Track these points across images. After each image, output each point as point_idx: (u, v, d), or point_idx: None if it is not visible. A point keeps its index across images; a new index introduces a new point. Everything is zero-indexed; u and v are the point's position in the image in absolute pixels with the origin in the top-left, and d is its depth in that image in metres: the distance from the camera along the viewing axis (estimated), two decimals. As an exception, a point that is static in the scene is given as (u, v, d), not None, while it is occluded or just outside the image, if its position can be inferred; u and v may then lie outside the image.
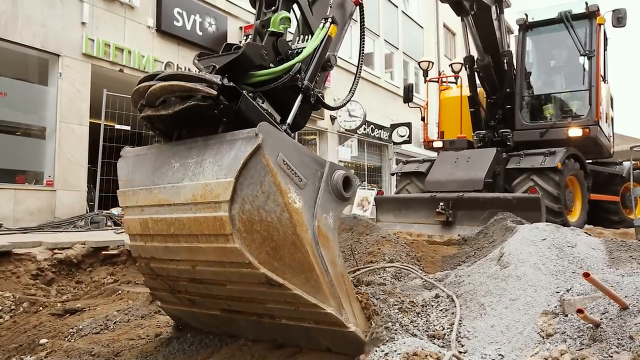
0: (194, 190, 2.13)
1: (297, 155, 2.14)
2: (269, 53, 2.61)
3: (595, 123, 7.28)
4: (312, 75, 2.80)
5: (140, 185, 2.40)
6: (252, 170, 2.01)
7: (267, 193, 2.01)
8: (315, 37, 2.84)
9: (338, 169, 2.31)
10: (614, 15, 7.21)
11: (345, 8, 3.45)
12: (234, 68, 2.41)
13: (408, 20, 21.56)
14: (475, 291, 2.70)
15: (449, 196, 6.98)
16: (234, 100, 2.23)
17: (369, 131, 17.49)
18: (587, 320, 1.79)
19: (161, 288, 2.73)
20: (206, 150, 2.19)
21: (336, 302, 2.18)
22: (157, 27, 10.34)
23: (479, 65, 7.63)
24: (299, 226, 2.05)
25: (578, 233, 2.99)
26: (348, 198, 2.33)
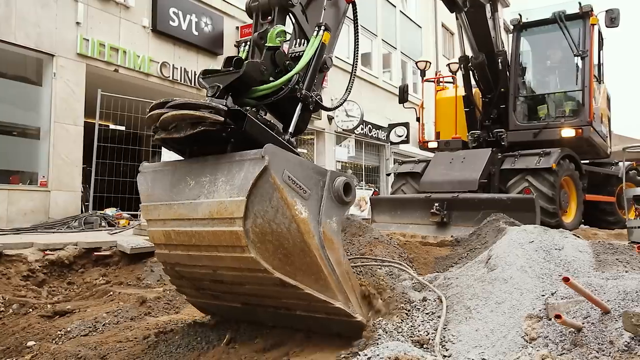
0: (210, 207, 2.36)
1: (300, 170, 2.37)
2: (268, 67, 2.79)
3: (588, 123, 7.26)
4: (310, 83, 2.99)
5: (160, 200, 2.63)
6: (261, 188, 2.24)
7: (276, 207, 2.26)
8: (309, 47, 2.99)
9: (338, 176, 2.54)
10: (607, 15, 7.19)
11: (339, 6, 3.56)
12: (237, 86, 2.62)
13: (406, 20, 21.53)
14: (462, 294, 2.69)
15: (444, 197, 6.95)
16: (239, 122, 2.41)
17: (366, 131, 17.47)
18: (566, 325, 1.78)
19: (186, 286, 3.00)
20: (218, 169, 2.41)
21: (343, 297, 2.49)
22: (153, 27, 10.31)
23: (473, 64, 7.61)
24: (306, 234, 2.31)
25: (566, 235, 2.98)
26: (349, 202, 2.57)
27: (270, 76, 2.82)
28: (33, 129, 8.55)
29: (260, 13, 3.07)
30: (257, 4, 3.09)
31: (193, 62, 11.39)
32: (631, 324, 1.34)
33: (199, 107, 2.32)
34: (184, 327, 3.52)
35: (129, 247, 5.51)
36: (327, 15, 3.40)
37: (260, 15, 3.07)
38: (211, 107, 2.32)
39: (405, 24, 21.45)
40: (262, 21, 3.06)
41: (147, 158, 10.17)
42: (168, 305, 4.26)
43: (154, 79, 10.41)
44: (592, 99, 7.33)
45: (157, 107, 2.49)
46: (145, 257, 5.56)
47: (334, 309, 2.47)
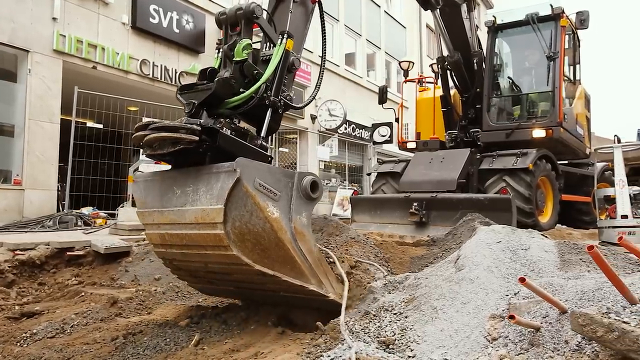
0: (195, 213, 2.72)
1: (269, 176, 2.73)
2: (238, 79, 3.08)
3: (558, 124, 7.33)
4: (277, 89, 3.28)
5: (153, 207, 3.00)
6: (236, 196, 2.59)
7: (251, 211, 2.64)
8: (274, 56, 3.25)
9: (306, 175, 2.90)
10: (577, 17, 7.28)
11: (307, 6, 3.79)
12: (210, 101, 2.96)
13: (391, 20, 21.61)
14: (430, 294, 2.69)
15: (423, 196, 6.98)
16: (213, 137, 2.75)
17: (350, 131, 17.49)
18: (521, 325, 1.79)
19: (184, 275, 3.44)
20: (199, 180, 2.76)
21: (316, 280, 2.93)
22: (133, 24, 10.19)
23: (449, 63, 7.66)
24: (279, 231, 2.71)
25: (533, 235, 3.00)
26: (316, 198, 2.93)
27: (241, 87, 3.09)
28: (7, 126, 8.39)
29: (228, 25, 3.28)
30: (225, 17, 3.29)
31: (174, 59, 11.28)
32: (578, 324, 1.35)
33: (177, 129, 2.65)
34: (154, 328, 3.48)
35: (103, 247, 5.42)
36: (295, 14, 3.58)
37: (228, 27, 3.29)
38: (187, 128, 2.65)
39: (390, 24, 21.53)
40: (230, 33, 3.28)
41: (125, 157, 10.07)
42: (140, 305, 4.20)
43: (134, 77, 10.29)
44: (562, 100, 7.40)
45: (141, 129, 2.83)
46: (120, 257, 5.48)
47: (309, 291, 2.90)
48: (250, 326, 3.37)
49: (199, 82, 3.11)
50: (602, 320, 1.26)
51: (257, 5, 3.22)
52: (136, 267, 5.29)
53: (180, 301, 4.41)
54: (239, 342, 3.09)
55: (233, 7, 3.29)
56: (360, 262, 4.00)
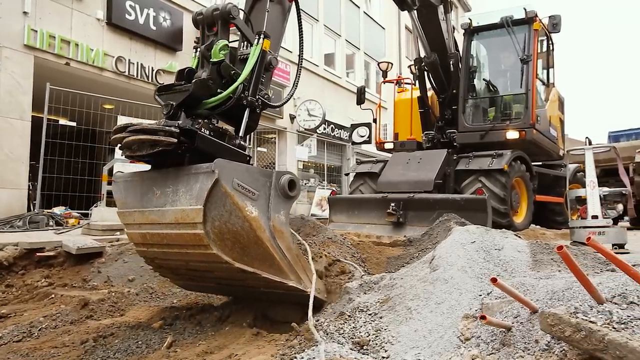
0: (175, 214, 2.75)
1: (248, 176, 2.78)
2: (215, 80, 3.10)
3: (531, 126, 7.47)
4: (255, 89, 3.31)
5: (134, 207, 3.01)
6: (215, 197, 2.64)
7: (230, 211, 2.68)
8: (251, 56, 3.28)
9: (283, 174, 2.95)
10: (550, 21, 7.43)
11: (283, 5, 3.82)
12: (188, 102, 2.98)
13: (370, 21, 21.70)
14: (405, 295, 2.69)
15: (400, 197, 7.02)
16: (192, 139, 2.79)
17: (329, 131, 17.50)
18: (492, 325, 1.80)
19: (166, 273, 3.44)
20: (178, 181, 2.80)
21: (295, 276, 2.99)
22: (108, 20, 9.98)
23: (426, 63, 7.74)
24: (258, 229, 2.76)
25: (506, 236, 3.04)
26: (294, 196, 2.98)
27: (219, 87, 3.12)
28: (-25, 123, 8.13)
29: (205, 25, 3.29)
30: (202, 17, 3.29)
31: (150, 57, 11.10)
32: (547, 324, 1.36)
33: (155, 132, 2.69)
34: (126, 330, 3.41)
35: (74, 247, 5.29)
36: (272, 14, 3.62)
37: (205, 27, 3.29)
38: (165, 131, 2.68)
39: (369, 25, 21.63)
40: (208, 33, 3.29)
41: (99, 155, 9.87)
42: (113, 307, 4.11)
43: (109, 74, 10.09)
44: (535, 102, 7.53)
45: (119, 132, 2.84)
46: (92, 258, 5.36)
47: (288, 287, 2.97)
48: (225, 327, 3.33)
49: (177, 83, 3.12)
50: (570, 320, 1.27)
51: (233, 6, 3.24)
52: (109, 268, 5.19)
53: (154, 302, 4.33)
54: (212, 343, 3.06)
55: (210, 8, 3.29)
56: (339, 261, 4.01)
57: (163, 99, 3.03)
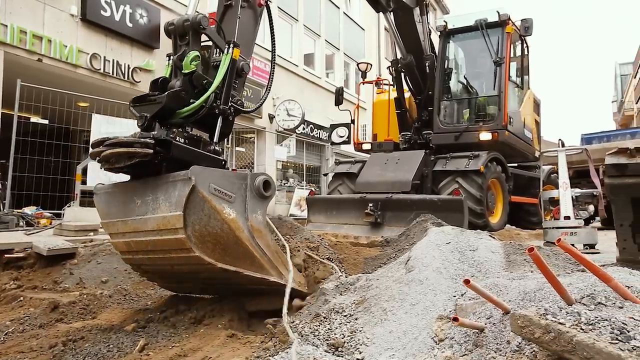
0: (156, 221, 2.88)
1: (223, 179, 2.91)
2: (188, 90, 3.22)
3: (503, 127, 7.58)
4: (226, 97, 3.41)
5: (117, 217, 3.13)
6: (193, 202, 2.76)
7: (208, 215, 2.82)
8: (222, 65, 3.38)
9: (258, 175, 3.09)
10: (522, 24, 7.57)
11: (255, 10, 3.93)
12: (162, 113, 3.09)
13: (349, 21, 21.77)
14: (380, 296, 2.69)
15: (378, 197, 7.05)
16: (167, 148, 2.91)
17: (308, 131, 17.48)
18: (465, 327, 1.80)
19: (153, 277, 3.58)
20: (158, 189, 2.91)
21: (276, 272, 3.15)
22: (82, 16, 9.78)
23: (402, 65, 7.79)
24: (236, 230, 2.91)
25: (481, 237, 3.06)
26: (269, 196, 3.12)
27: (191, 97, 3.23)
28: (-59, 120, 7.87)
29: (177, 35, 3.37)
30: (174, 27, 3.36)
31: (127, 54, 10.91)
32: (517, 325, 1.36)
33: (131, 144, 2.80)
34: (97, 333, 3.33)
35: (45, 249, 5.15)
36: (243, 19, 3.71)
37: (177, 37, 3.37)
38: (141, 143, 2.80)
39: (349, 26, 21.68)
40: (180, 43, 3.36)
41: (73, 154, 9.65)
42: (84, 310, 4.01)
43: (83, 71, 9.88)
44: (507, 104, 7.64)
45: (96, 146, 2.96)
46: (64, 259, 5.23)
47: (271, 282, 3.12)
48: (199, 329, 3.28)
49: (151, 93, 3.21)
50: (540, 321, 1.28)
51: (203, 17, 3.32)
52: (82, 270, 5.07)
53: (128, 304, 4.24)
54: (186, 346, 3.01)
55: (181, 19, 3.35)
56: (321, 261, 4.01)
57: (137, 111, 3.12)
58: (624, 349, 1.12)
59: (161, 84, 3.24)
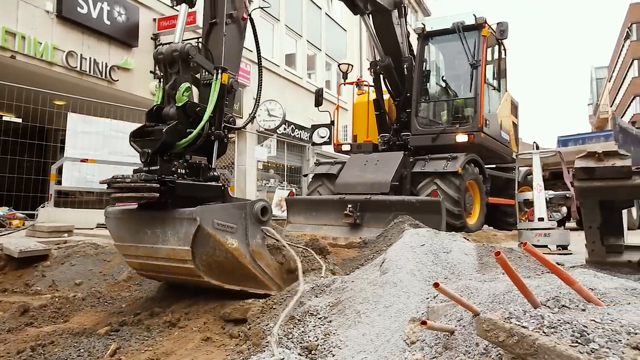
0: (167, 252, 3.20)
1: (225, 214, 3.21)
2: (183, 121, 3.39)
3: (479, 129, 7.68)
4: (219, 122, 3.62)
5: (129, 242, 3.44)
6: (200, 238, 3.07)
7: (213, 247, 3.15)
8: (212, 92, 3.53)
9: (256, 203, 3.39)
10: (498, 27, 7.67)
11: (239, 24, 4.09)
12: (162, 148, 3.30)
13: (331, 22, 21.80)
14: (355, 298, 2.70)
15: (357, 198, 7.07)
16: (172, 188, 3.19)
17: (289, 131, 17.45)
18: (434, 330, 1.82)
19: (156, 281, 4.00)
20: (166, 224, 3.20)
21: (277, 287, 3.43)
22: (58, 13, 9.59)
23: (380, 67, 7.83)
24: (239, 257, 3.23)
25: (455, 239, 3.09)
26: (266, 221, 3.45)
27: (187, 127, 3.42)
28: None
29: (167, 64, 3.50)
30: (163, 57, 3.48)
31: (104, 52, 10.75)
32: (482, 329, 1.38)
33: (138, 190, 3.06)
34: (68, 337, 3.26)
35: (17, 250, 5.04)
36: (229, 36, 3.89)
37: (167, 65, 3.50)
38: (147, 188, 3.05)
39: (331, 26, 21.72)
40: (170, 71, 3.50)
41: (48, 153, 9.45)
42: (56, 313, 3.93)
43: (59, 69, 9.69)
44: (483, 107, 7.74)
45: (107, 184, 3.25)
46: (36, 261, 5.12)
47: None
48: (174, 332, 3.25)
49: (148, 125, 3.40)
50: (504, 325, 1.29)
51: (191, 46, 3.45)
52: (55, 272, 4.97)
53: (101, 307, 4.17)
54: (159, 349, 2.97)
55: (169, 48, 3.46)
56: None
57: (139, 146, 3.34)
58: (583, 352, 1.14)
59: (156, 113, 3.42)
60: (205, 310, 3.42)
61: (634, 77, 42.04)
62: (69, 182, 8.43)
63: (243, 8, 4.09)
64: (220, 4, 3.89)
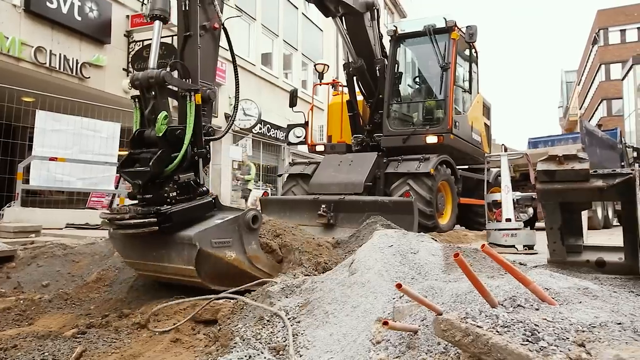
0: (174, 269, 3.52)
1: (220, 232, 3.51)
2: (166, 150, 3.53)
3: (448, 131, 7.82)
4: (200, 141, 3.77)
5: (136, 259, 3.71)
6: (201, 258, 3.38)
7: (214, 262, 3.48)
8: (189, 115, 3.64)
9: (247, 213, 3.68)
10: (467, 31, 7.82)
11: (213, 34, 4.18)
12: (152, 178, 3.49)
13: (308, 22, 21.81)
14: (324, 298, 2.72)
15: (331, 199, 7.10)
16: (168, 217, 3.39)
17: (265, 131, 17.39)
18: (397, 330, 1.86)
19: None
20: (169, 247, 3.48)
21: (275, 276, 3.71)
22: (26, 7, 9.34)
23: (353, 68, 7.89)
24: (239, 265, 3.60)
25: (422, 239, 3.15)
26: (257, 228, 3.74)
27: (171, 152, 3.57)
28: None
29: (144, 89, 3.59)
30: (139, 82, 3.56)
31: (75, 49, 10.52)
32: (440, 329, 1.42)
33: (138, 227, 3.32)
34: (32, 341, 3.19)
35: (-20, 252, 4.90)
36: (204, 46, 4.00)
37: (144, 90, 3.59)
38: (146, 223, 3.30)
39: (307, 26, 21.72)
40: (147, 95, 3.59)
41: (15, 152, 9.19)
42: (20, 316, 3.84)
43: (27, 65, 9.45)
44: (452, 108, 7.88)
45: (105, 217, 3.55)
46: (1, 263, 4.99)
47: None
48: (142, 334, 3.21)
49: (133, 152, 3.58)
50: (460, 325, 1.34)
51: (166, 73, 3.54)
52: (20, 273, 4.85)
53: (69, 309, 4.09)
54: (127, 352, 2.94)
55: (145, 75, 3.53)
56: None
57: (130, 177, 3.54)
58: (532, 350, 1.19)
59: (139, 137, 3.59)
60: (175, 311, 3.40)
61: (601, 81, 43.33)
62: (38, 182, 8.23)
63: (216, 18, 4.14)
64: (194, 16, 3.95)
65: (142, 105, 3.64)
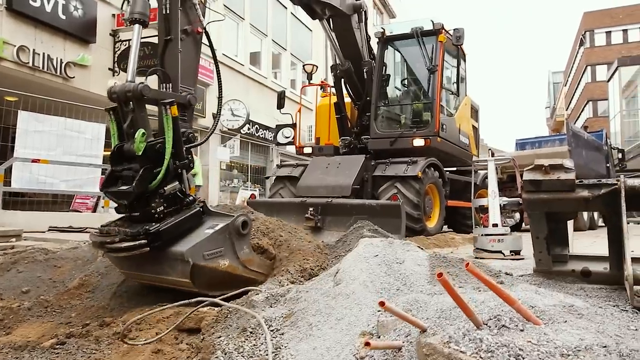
0: (171, 281, 3.60)
1: (211, 243, 3.51)
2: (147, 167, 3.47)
3: (435, 134, 7.82)
4: (181, 153, 3.72)
5: (134, 271, 3.77)
6: (195, 270, 3.43)
7: (208, 273, 3.52)
8: (166, 129, 3.57)
9: (236, 219, 3.62)
10: (454, 33, 7.83)
11: (194, 38, 4.11)
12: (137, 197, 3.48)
13: (297, 22, 21.72)
14: (308, 309, 2.68)
15: (318, 202, 7.06)
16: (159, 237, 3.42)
17: (253, 131, 17.29)
18: (379, 349, 1.82)
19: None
20: (163, 262, 3.53)
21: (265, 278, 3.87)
22: (8, 5, 9.17)
23: (340, 70, 7.86)
24: (233, 271, 3.66)
25: (408, 249, 3.12)
26: (247, 233, 3.73)
27: (154, 168, 3.52)
28: None
29: (121, 102, 3.52)
30: (117, 96, 3.49)
31: (59, 48, 10.35)
32: (422, 354, 1.38)
33: (128, 249, 3.35)
34: (8, 352, 3.10)
35: (-43, 258, 4.78)
36: (185, 49, 3.94)
37: (122, 103, 3.52)
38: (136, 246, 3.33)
39: (296, 26, 21.64)
40: (125, 109, 3.53)
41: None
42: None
43: (9, 64, 9.27)
44: (439, 111, 7.88)
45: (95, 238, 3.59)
46: (-21, 268, 4.86)
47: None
48: (124, 345, 3.14)
49: (116, 170, 3.55)
50: (443, 350, 1.30)
51: (144, 86, 3.46)
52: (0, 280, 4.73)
53: (49, 318, 4.00)
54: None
55: (122, 88, 3.47)
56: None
57: (115, 198, 3.57)
58: (516, 378, 1.15)
59: (119, 153, 3.54)
60: (158, 320, 3.34)
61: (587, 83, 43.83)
62: (20, 184, 8.08)
63: (198, 22, 4.07)
64: (175, 20, 3.88)
65: (118, 117, 3.57)
